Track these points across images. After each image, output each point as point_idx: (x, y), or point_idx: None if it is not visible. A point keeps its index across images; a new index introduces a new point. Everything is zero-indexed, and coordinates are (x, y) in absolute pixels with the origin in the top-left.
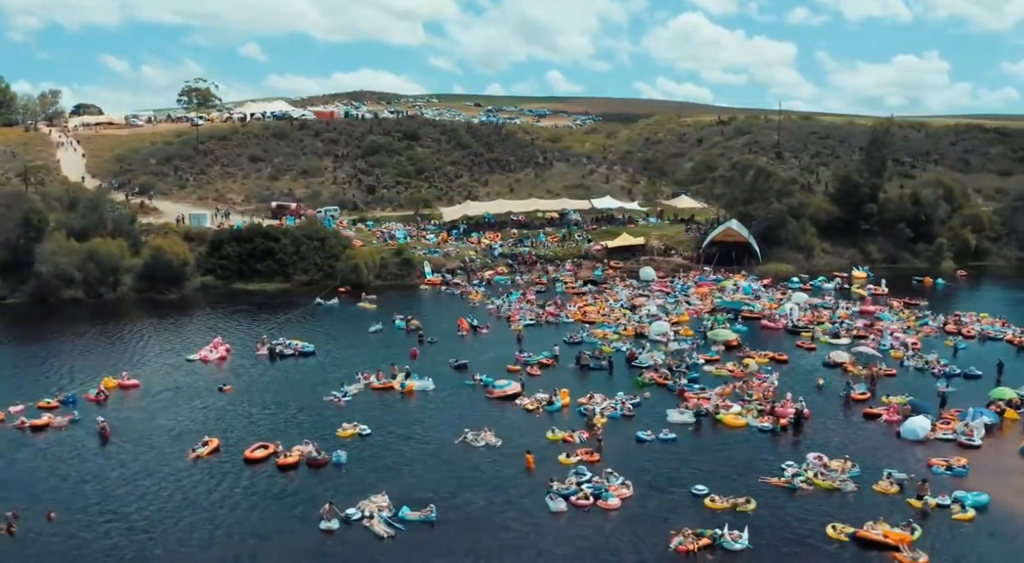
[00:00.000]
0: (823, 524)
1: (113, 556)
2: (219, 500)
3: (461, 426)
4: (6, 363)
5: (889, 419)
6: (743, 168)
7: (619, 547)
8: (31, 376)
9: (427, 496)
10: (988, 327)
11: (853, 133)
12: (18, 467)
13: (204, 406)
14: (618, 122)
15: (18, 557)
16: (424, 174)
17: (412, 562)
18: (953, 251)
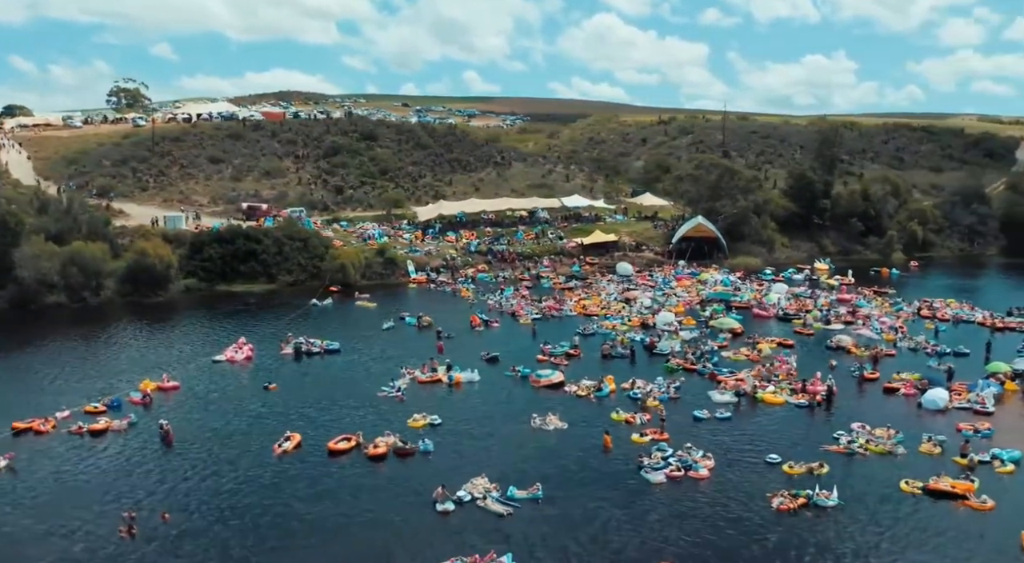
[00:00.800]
0: (895, 481)
1: (244, 551)
2: (328, 491)
3: (520, 413)
4: (22, 369)
5: (907, 393)
6: (709, 167)
7: (726, 509)
8: (58, 381)
9: (522, 476)
10: (959, 311)
11: (790, 132)
12: (95, 471)
13: (256, 404)
14: (546, 122)
15: (144, 559)
16: (388, 174)
17: (539, 534)
18: (902, 243)
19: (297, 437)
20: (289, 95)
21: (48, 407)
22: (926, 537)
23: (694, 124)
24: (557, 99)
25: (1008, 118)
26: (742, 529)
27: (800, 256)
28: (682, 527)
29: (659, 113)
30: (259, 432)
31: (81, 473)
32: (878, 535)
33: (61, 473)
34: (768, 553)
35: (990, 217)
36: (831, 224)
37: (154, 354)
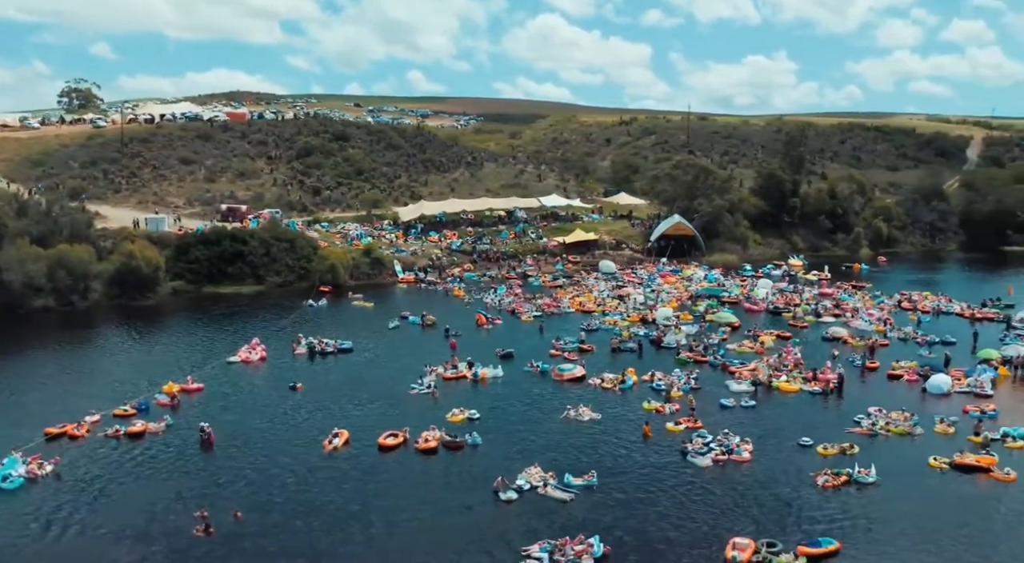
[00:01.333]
0: (922, 458)
1: (328, 544)
2: (392, 484)
3: (551, 405)
4: (28, 375)
5: (910, 379)
6: (686, 167)
7: (776, 488)
8: (73, 386)
9: (573, 464)
10: (937, 303)
11: (750, 133)
12: (146, 472)
13: (288, 404)
14: (498, 122)
15: (230, 555)
16: (364, 175)
17: (609, 518)
18: (868, 240)
19: (345, 433)
20: (239, 95)
21: (71, 412)
22: (960, 506)
23: (655, 124)
24: (503, 99)
25: (956, 117)
26: (795, 505)
27: (772, 253)
28: (738, 505)
29: (605, 113)
30: (301, 430)
31: (130, 475)
32: (916, 506)
33: (111, 476)
34: (822, 526)
35: (949, 214)
36: (800, 222)
37: (164, 356)
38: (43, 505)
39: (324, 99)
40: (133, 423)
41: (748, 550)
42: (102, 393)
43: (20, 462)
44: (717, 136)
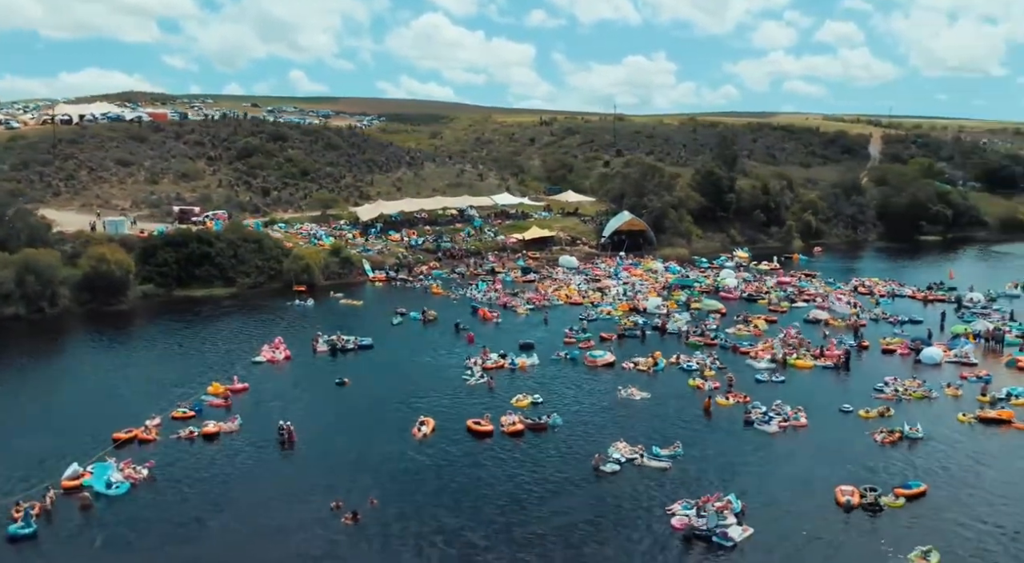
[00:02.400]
0: (951, 415)
1: (474, 530)
2: (500, 465)
3: (598, 388)
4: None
5: (903, 352)
6: (635, 165)
7: (842, 445)
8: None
9: (652, 438)
10: (891, 287)
11: (667, 132)
12: (246, 469)
13: (346, 398)
14: (401, 122)
15: (383, 539)
16: (309, 175)
17: (716, 480)
18: (798, 232)
19: (431, 421)
20: (134, 96)
21: (124, 416)
22: (1002, 449)
23: (575, 124)
24: (387, 99)
25: (850, 116)
26: (865, 457)
27: (714, 246)
28: (820, 461)
29: (489, 113)
30: (380, 422)
31: (231, 473)
32: (966, 453)
33: (213, 475)
34: (898, 473)
35: (867, 207)
36: (736, 216)
37: (185, 358)
38: (168, 507)
39: (220, 99)
40: (206, 424)
41: (855, 494)
42: (138, 398)
43: (115, 468)
44: (640, 136)
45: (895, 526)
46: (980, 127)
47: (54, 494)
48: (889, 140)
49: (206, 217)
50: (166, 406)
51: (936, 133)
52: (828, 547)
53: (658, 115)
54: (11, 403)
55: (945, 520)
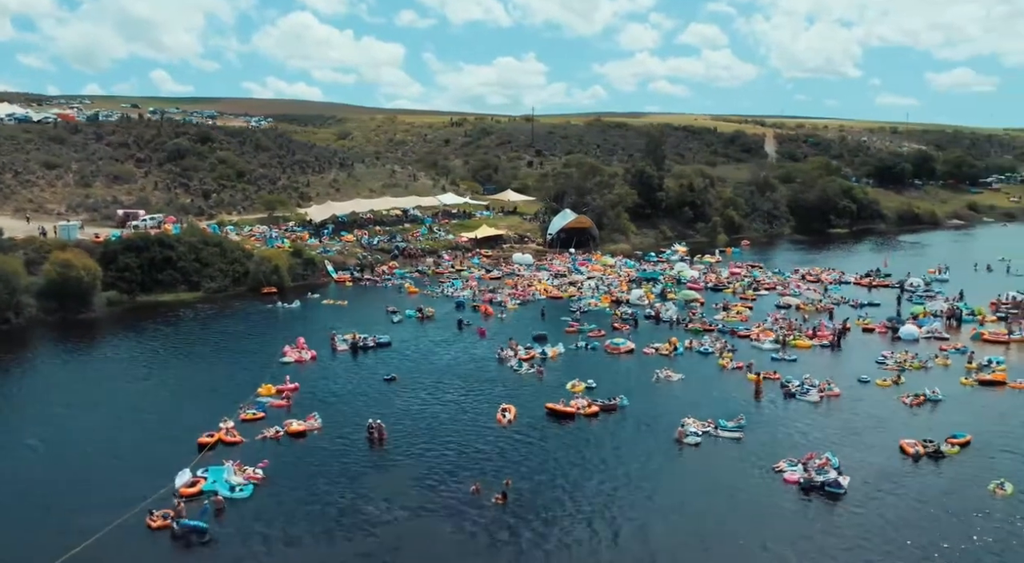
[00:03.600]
0: (954, 380)
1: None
2: (594, 442)
3: (633, 372)
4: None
5: (881, 331)
6: (578, 165)
7: (879, 409)
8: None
9: (713, 412)
10: (835, 275)
11: (578, 132)
12: (357, 464)
13: (404, 393)
14: (288, 123)
15: (535, 514)
16: (245, 177)
17: (787, 446)
18: (722, 228)
19: (512, 407)
20: (7, 96)
21: (183, 423)
22: (1004, 405)
23: (488, 125)
24: (254, 99)
25: (736, 117)
26: (903, 416)
27: (649, 242)
28: (869, 421)
29: (363, 112)
30: (458, 412)
31: (346, 469)
32: (984, 407)
33: (326, 471)
34: (924, 427)
35: (780, 203)
36: (665, 213)
37: (205, 363)
38: (304, 503)
39: (53, 99)
40: (289, 423)
41: (919, 444)
42: (187, 405)
43: (230, 470)
44: (553, 136)
45: (959, 467)
46: (856, 126)
47: (180, 502)
48: (783, 139)
49: (146, 220)
50: (224, 410)
51: (820, 132)
52: (916, 488)
53: (526, 115)
54: (67, 413)
55: (996, 459)
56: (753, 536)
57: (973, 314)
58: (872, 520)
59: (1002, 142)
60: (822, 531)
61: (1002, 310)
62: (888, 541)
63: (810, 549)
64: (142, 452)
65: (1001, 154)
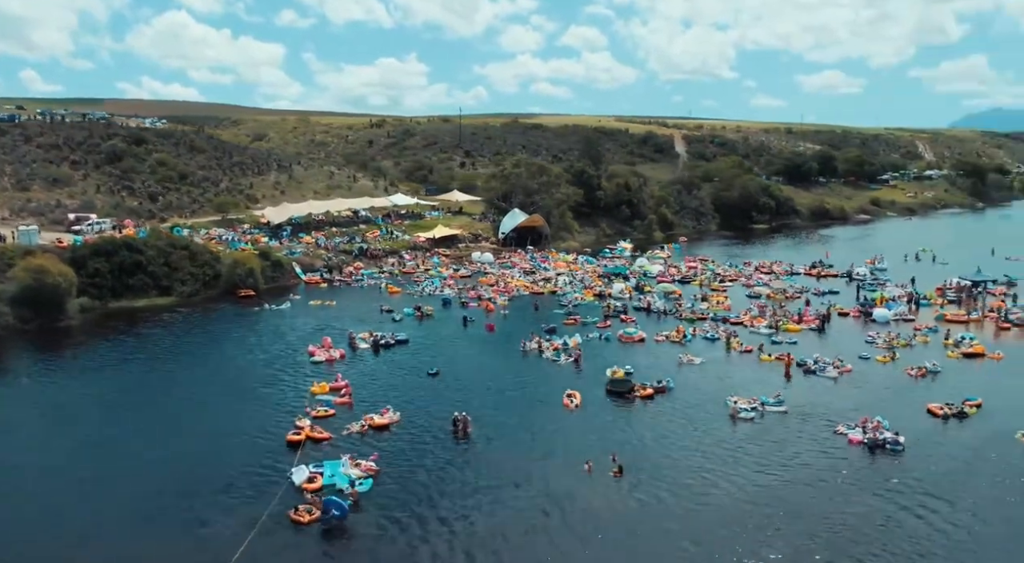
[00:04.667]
0: (941, 354)
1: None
2: (666, 418)
3: (657, 358)
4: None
5: (855, 315)
6: (527, 165)
7: (890, 380)
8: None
9: (749, 390)
10: (785, 266)
11: (499, 132)
12: (448, 452)
13: (454, 387)
14: (183, 124)
15: (641, 486)
16: (188, 179)
17: (822, 416)
18: (657, 225)
19: (578, 393)
20: None
21: (251, 423)
22: (994, 370)
23: (408, 126)
24: (127, 100)
25: (631, 116)
26: (914, 386)
27: (591, 239)
28: (889, 392)
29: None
30: (518, 402)
31: (452, 459)
32: (979, 375)
33: (434, 461)
34: (939, 394)
35: (705, 200)
36: (603, 212)
37: (232, 365)
38: (429, 490)
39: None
40: (371, 417)
41: (944, 407)
42: (244, 406)
43: (345, 464)
44: (476, 136)
45: (983, 423)
46: (752, 127)
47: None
48: (690, 140)
49: (96, 224)
50: (280, 410)
51: (721, 133)
52: (956, 441)
53: (413, 116)
54: (129, 422)
55: (1008, 414)
56: (841, 487)
57: (926, 299)
58: (933, 468)
59: (888, 141)
60: (899, 481)
61: (949, 295)
62: (953, 483)
63: (893, 496)
64: (235, 454)
65: (889, 153)
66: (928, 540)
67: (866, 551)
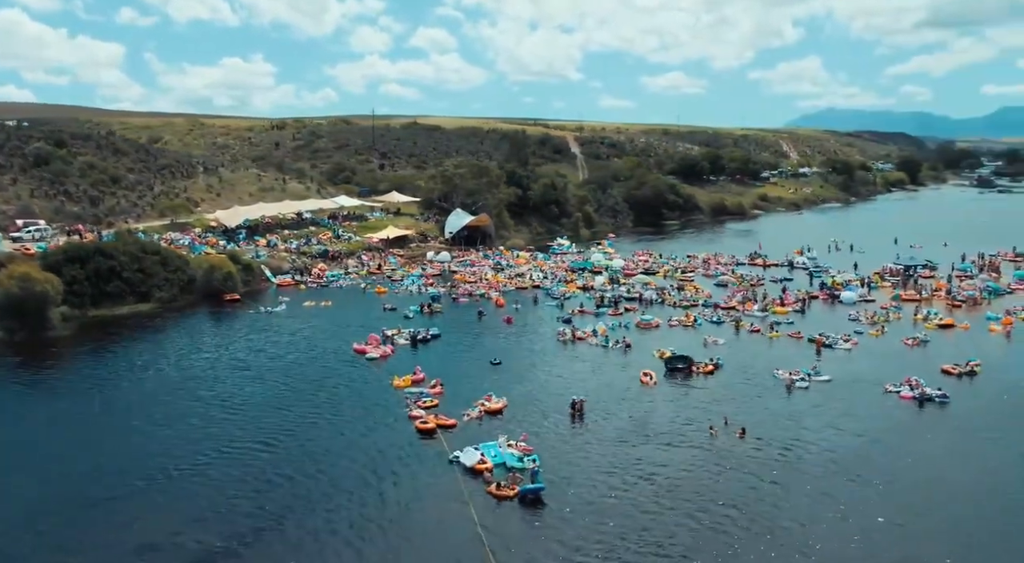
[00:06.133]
0: (920, 327)
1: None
2: (736, 387)
3: (684, 340)
4: None
5: (824, 297)
6: (471, 166)
7: (895, 348)
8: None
9: (790, 365)
10: (733, 256)
11: (407, 134)
12: (601, 431)
13: (528, 374)
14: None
15: (765, 442)
16: (121, 183)
17: (862, 382)
18: (582, 223)
19: (653, 372)
20: None
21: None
22: (967, 341)
23: (313, 128)
24: None
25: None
26: (916, 353)
27: (525, 237)
28: (898, 359)
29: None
30: (595, 384)
31: (600, 433)
32: (953, 345)
33: (577, 444)
34: (943, 357)
35: (618, 199)
36: (533, 211)
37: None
38: (590, 461)
39: None
40: (483, 403)
41: (956, 367)
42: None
43: (503, 444)
44: (384, 137)
45: (993, 376)
46: (612, 127)
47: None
48: (582, 141)
49: (44, 230)
50: (383, 404)
51: (608, 135)
52: (982, 391)
53: (260, 117)
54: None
55: (1008, 369)
56: (909, 434)
57: (873, 283)
58: (980, 412)
59: (756, 141)
60: (956, 425)
61: (889, 279)
62: (1000, 418)
63: (976, 432)
64: (378, 446)
65: (759, 152)
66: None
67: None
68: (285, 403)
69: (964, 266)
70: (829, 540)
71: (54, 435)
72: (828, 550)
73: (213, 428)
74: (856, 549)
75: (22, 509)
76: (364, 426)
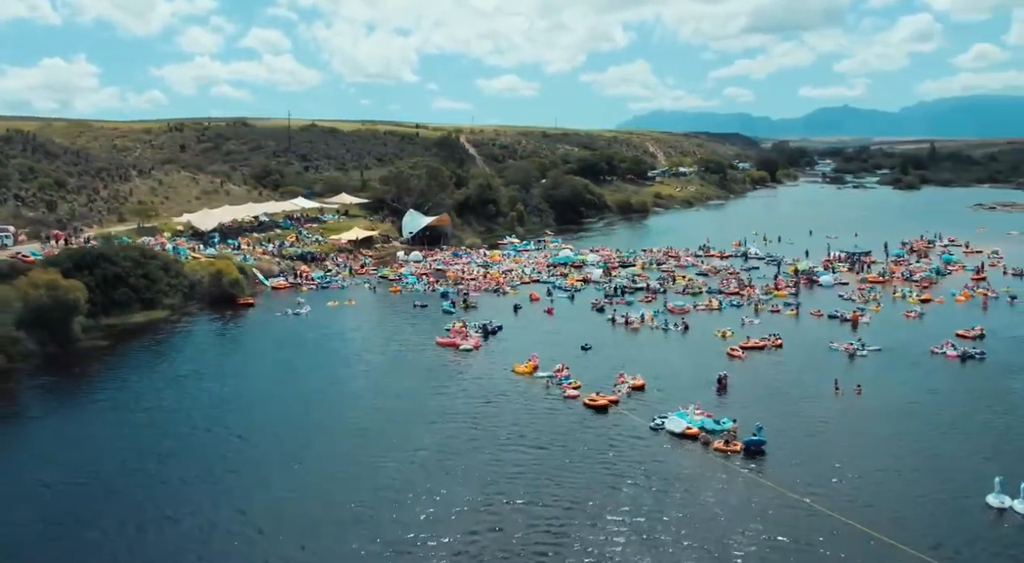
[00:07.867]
0: (902, 307)
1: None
2: (818, 360)
3: (722, 321)
4: None
5: (804, 282)
6: (428, 168)
7: (899, 320)
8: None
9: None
10: (689, 249)
11: (313, 136)
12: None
13: (619, 357)
14: None
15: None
16: (68, 187)
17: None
18: (516, 221)
19: (738, 346)
20: None
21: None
22: (955, 313)
23: (220, 130)
24: None
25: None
26: (917, 324)
27: (469, 235)
28: (908, 328)
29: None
30: (688, 361)
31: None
32: (944, 316)
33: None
34: (949, 325)
35: (540, 199)
36: (470, 210)
37: (387, 363)
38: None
39: None
40: (627, 380)
41: (970, 332)
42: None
43: (692, 411)
44: (296, 140)
45: (1003, 336)
46: (446, 128)
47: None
48: (475, 143)
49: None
50: (515, 391)
51: (496, 137)
52: (1002, 347)
53: (78, 120)
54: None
55: (1010, 332)
56: (965, 387)
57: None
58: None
59: (625, 142)
60: (1001, 371)
61: (840, 264)
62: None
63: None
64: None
65: (628, 152)
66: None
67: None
68: (445, 410)
69: (897, 252)
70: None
71: (169, 468)
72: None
73: (427, 439)
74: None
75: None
76: (532, 413)
